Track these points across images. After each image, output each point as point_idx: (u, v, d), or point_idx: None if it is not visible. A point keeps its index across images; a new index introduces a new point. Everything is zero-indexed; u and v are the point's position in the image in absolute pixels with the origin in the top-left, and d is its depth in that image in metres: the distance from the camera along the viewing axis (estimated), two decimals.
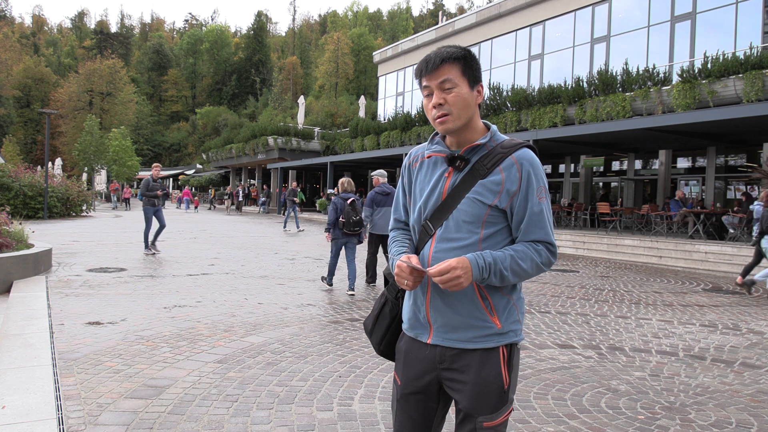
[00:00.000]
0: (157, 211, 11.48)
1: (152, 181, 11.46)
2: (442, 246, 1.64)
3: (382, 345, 1.84)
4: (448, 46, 1.66)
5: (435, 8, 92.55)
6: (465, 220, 1.62)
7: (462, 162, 1.65)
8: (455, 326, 1.64)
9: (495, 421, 1.62)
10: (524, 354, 4.81)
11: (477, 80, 1.66)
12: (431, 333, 1.68)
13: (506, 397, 1.64)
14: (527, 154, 1.64)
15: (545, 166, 25.20)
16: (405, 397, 1.73)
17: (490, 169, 1.62)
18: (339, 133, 36.11)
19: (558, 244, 15.13)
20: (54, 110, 36.66)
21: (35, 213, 20.49)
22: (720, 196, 18.39)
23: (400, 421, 1.75)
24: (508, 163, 1.62)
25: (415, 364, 1.71)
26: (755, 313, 7.09)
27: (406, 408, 1.74)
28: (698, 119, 13.13)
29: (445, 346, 1.66)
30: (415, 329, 1.72)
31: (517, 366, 1.69)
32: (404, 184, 1.83)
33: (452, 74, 1.61)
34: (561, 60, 22.64)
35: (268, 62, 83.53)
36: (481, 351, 1.63)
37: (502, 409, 1.63)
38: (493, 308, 1.63)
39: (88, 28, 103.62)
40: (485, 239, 1.63)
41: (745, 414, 3.59)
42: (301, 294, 7.38)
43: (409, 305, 1.74)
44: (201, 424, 3.17)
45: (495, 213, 1.62)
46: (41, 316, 5.45)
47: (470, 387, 1.63)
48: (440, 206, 1.66)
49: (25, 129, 71.35)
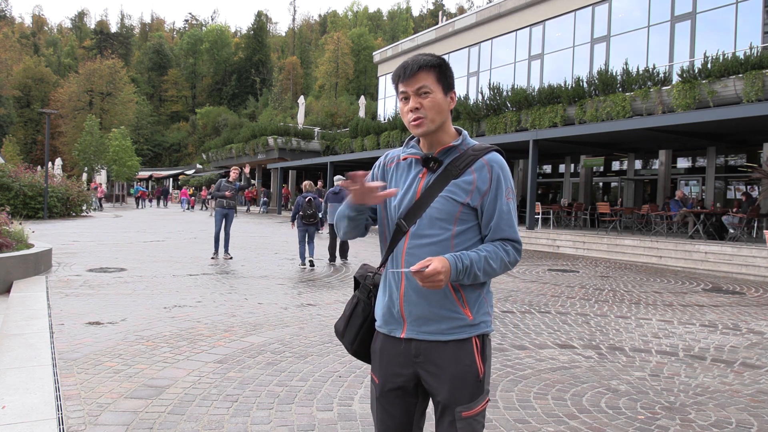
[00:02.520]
0: (226, 214, 10.91)
1: (225, 182, 11.01)
2: (415, 242, 1.71)
3: (355, 344, 1.88)
4: (424, 54, 1.76)
5: (435, 8, 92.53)
6: (438, 218, 1.70)
7: (435, 163, 1.75)
8: (429, 319, 1.70)
9: (472, 411, 1.69)
10: (524, 354, 4.81)
11: (450, 87, 1.78)
12: (405, 327, 1.74)
13: (482, 386, 1.72)
14: (497, 158, 1.75)
15: (545, 166, 25.24)
16: (384, 394, 1.79)
17: (463, 170, 1.72)
18: (339, 133, 36.10)
19: (558, 244, 15.14)
20: (54, 110, 36.67)
21: (35, 213, 20.49)
22: (720, 196, 18.39)
23: (381, 420, 1.81)
24: (479, 164, 1.72)
25: (391, 361, 1.77)
26: (755, 313, 7.09)
27: (387, 405, 1.79)
28: (698, 119, 13.13)
29: (420, 339, 1.72)
30: (389, 324, 1.77)
31: (490, 357, 1.77)
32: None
33: (428, 81, 1.71)
34: (561, 60, 22.64)
35: (268, 62, 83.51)
36: (455, 343, 1.70)
37: (479, 398, 1.71)
38: (465, 301, 1.71)
39: (88, 28, 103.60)
40: (457, 235, 1.71)
41: (745, 414, 3.59)
42: (301, 294, 7.38)
43: (383, 302, 1.79)
44: (201, 424, 3.17)
45: (467, 211, 1.71)
46: (41, 316, 5.45)
47: (447, 378, 1.69)
48: (414, 205, 1.73)
49: (25, 129, 71.34)
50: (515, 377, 4.18)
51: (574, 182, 23.44)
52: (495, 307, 6.82)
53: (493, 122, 21.58)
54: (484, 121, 22.23)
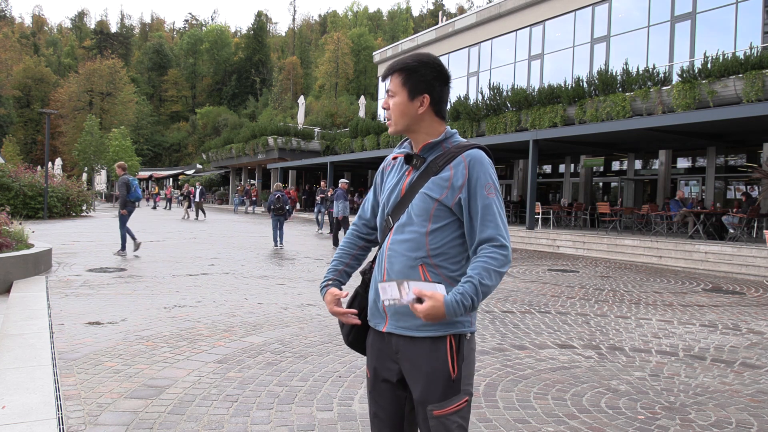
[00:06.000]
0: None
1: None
2: (396, 238, 1.75)
3: (350, 336, 1.92)
4: (409, 55, 1.78)
5: (435, 8, 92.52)
6: (416, 214, 1.72)
7: (419, 160, 1.78)
8: (404, 314, 1.70)
9: (444, 410, 1.68)
10: (524, 354, 4.81)
11: (419, 91, 1.74)
12: (386, 322, 1.76)
13: (456, 387, 1.69)
14: (476, 153, 1.73)
15: (545, 166, 25.22)
16: (375, 387, 1.83)
17: (442, 167, 1.73)
18: (339, 133, 36.10)
19: (558, 244, 15.14)
20: (54, 110, 36.68)
21: (35, 213, 20.49)
22: (720, 196, 18.39)
23: (374, 412, 1.85)
24: (457, 161, 1.72)
25: (379, 354, 1.80)
26: (755, 313, 7.09)
27: (378, 398, 1.83)
28: (698, 119, 13.13)
29: (398, 334, 1.74)
30: (374, 318, 1.81)
31: (469, 357, 1.73)
32: (376, 185, 1.96)
33: (394, 84, 1.76)
34: (561, 60, 22.64)
35: (268, 62, 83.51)
36: (430, 340, 1.69)
37: (453, 398, 1.69)
38: None
39: (88, 28, 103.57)
40: (432, 233, 1.71)
41: (745, 414, 3.59)
42: (301, 294, 7.38)
43: (371, 296, 1.82)
44: (201, 424, 3.17)
45: (441, 208, 1.70)
46: (41, 316, 5.45)
47: (420, 375, 1.70)
48: (399, 202, 1.78)
49: (25, 129, 71.34)
50: (515, 377, 4.18)
51: (574, 182, 23.44)
52: (495, 307, 6.82)
53: (493, 122, 21.58)
54: (484, 121, 22.23)
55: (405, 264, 1.71)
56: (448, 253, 1.72)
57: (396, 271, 1.72)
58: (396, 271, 1.72)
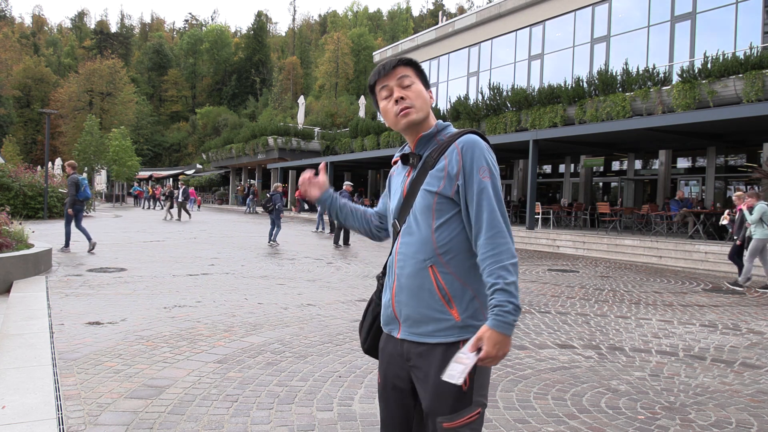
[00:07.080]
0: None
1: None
2: (404, 240, 1.70)
3: (366, 343, 1.91)
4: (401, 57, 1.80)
5: (435, 8, 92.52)
6: (420, 213, 1.67)
7: (415, 158, 1.75)
8: (417, 320, 1.66)
9: (455, 422, 1.60)
10: (524, 354, 4.81)
11: (428, 85, 1.79)
12: (400, 328, 1.72)
13: (468, 398, 1.61)
14: (469, 138, 1.67)
15: (545, 166, 25.21)
16: (384, 393, 1.79)
17: (437, 159, 1.68)
18: (339, 133, 36.11)
19: (558, 244, 15.14)
20: (54, 110, 36.67)
21: (35, 213, 20.49)
22: (720, 196, 18.38)
23: (383, 418, 1.82)
24: (450, 149, 1.67)
25: (391, 361, 1.76)
26: (755, 313, 7.09)
27: (387, 405, 1.79)
28: (698, 119, 13.13)
29: (411, 341, 1.68)
30: (388, 325, 1.77)
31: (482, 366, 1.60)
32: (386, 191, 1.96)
33: (409, 73, 1.73)
34: (561, 60, 22.63)
35: (268, 62, 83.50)
36: (443, 347, 1.62)
37: (464, 410, 1.60)
38: (451, 299, 1.63)
39: (88, 28, 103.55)
40: (437, 229, 1.65)
41: (745, 414, 3.59)
42: (301, 294, 7.38)
43: (384, 301, 1.79)
44: (201, 424, 3.17)
45: (441, 200, 1.65)
46: (41, 316, 5.45)
47: (430, 386, 1.63)
48: (403, 204, 1.74)
49: (25, 129, 71.32)
50: (515, 377, 4.18)
51: (574, 182, 23.43)
52: None
53: (493, 122, 21.58)
54: (484, 121, 22.23)
55: (415, 267, 1.65)
56: (457, 250, 1.64)
57: (406, 275, 1.67)
58: (406, 275, 1.67)
